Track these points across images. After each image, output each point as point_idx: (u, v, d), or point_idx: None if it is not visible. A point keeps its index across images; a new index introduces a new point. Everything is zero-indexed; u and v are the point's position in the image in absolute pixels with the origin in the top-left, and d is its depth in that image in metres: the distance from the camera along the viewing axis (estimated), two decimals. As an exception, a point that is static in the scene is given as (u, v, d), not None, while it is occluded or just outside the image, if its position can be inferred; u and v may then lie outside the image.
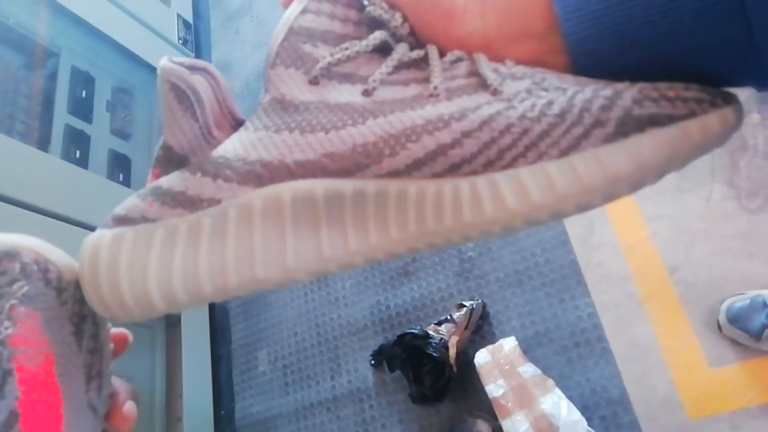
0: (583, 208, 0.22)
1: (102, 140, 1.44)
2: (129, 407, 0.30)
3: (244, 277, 0.24)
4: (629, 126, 0.21)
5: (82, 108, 1.43)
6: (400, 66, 0.26)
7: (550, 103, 0.22)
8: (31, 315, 0.25)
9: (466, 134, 0.23)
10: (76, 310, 0.27)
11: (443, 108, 0.23)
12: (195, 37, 1.94)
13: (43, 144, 1.28)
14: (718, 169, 1.17)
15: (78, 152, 1.35)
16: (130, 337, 0.31)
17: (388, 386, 1.29)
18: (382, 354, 1.27)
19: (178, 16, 1.87)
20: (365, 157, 0.23)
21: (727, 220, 1.12)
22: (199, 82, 0.26)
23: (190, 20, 1.95)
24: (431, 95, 0.24)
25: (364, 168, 0.23)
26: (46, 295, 0.26)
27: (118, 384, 0.30)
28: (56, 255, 0.27)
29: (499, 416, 1.05)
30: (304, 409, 1.37)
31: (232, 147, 0.25)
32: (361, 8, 0.27)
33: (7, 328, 0.25)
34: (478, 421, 1.11)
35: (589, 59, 0.23)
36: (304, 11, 0.26)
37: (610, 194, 0.22)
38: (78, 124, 1.39)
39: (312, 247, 0.24)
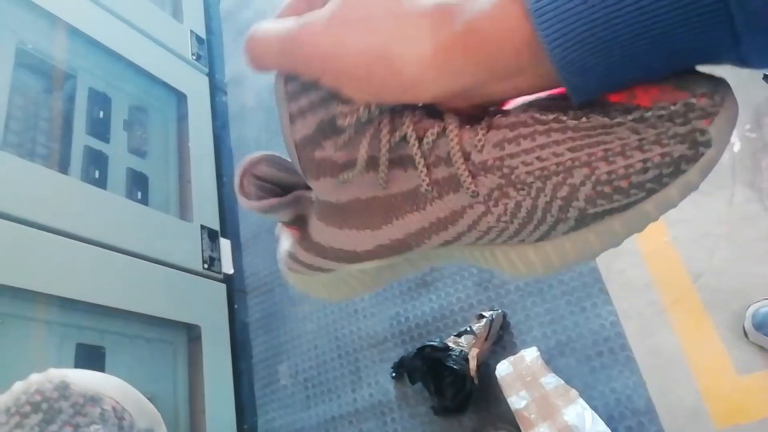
0: (561, 270, 0.29)
1: (120, 159, 1.46)
2: None
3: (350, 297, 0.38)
4: (587, 220, 0.25)
5: (100, 128, 1.45)
6: (393, 160, 0.28)
7: (518, 206, 0.26)
8: None
9: (461, 234, 0.28)
10: None
11: (438, 210, 0.28)
12: (208, 52, 1.96)
13: (63, 166, 1.30)
14: (739, 171, 1.15)
15: (97, 172, 1.37)
16: None
17: (410, 399, 1.29)
18: (403, 366, 1.27)
19: (191, 32, 1.89)
20: (403, 246, 0.31)
21: (750, 223, 1.10)
22: None
23: (203, 36, 1.96)
24: (426, 193, 0.28)
25: (406, 251, 0.31)
26: None
27: None
28: (132, 402, 0.28)
29: (522, 428, 1.04)
30: (327, 423, 1.38)
31: (321, 235, 0.33)
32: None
33: None
34: (501, 433, 1.11)
35: (580, 78, 0.23)
36: (292, 121, 0.29)
37: (582, 262, 0.29)
38: (96, 144, 1.41)
39: (380, 283, 0.37)
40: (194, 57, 1.86)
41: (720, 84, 0.24)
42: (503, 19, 0.22)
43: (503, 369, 1.11)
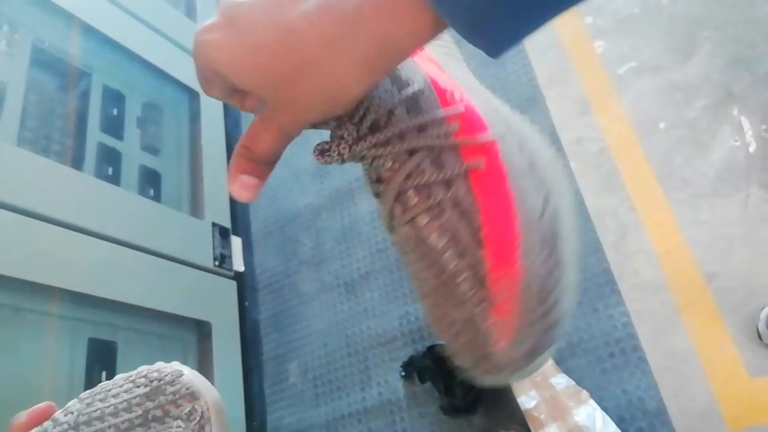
0: None
1: (133, 156, 1.48)
2: None
3: None
4: None
5: (114, 125, 1.46)
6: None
7: None
8: None
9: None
10: None
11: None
12: (221, 50, 1.96)
13: (78, 163, 1.32)
14: (755, 171, 1.14)
15: (110, 169, 1.39)
16: None
17: (419, 398, 1.28)
18: (412, 365, 1.27)
19: (205, 30, 1.90)
20: None
21: (765, 225, 1.09)
22: None
23: (216, 34, 1.97)
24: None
25: None
26: None
27: None
28: (218, 420, 0.28)
29: (532, 428, 1.04)
30: (335, 421, 1.38)
31: None
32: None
33: None
34: (511, 433, 1.10)
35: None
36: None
37: None
38: (110, 141, 1.43)
39: None
40: (207, 55, 1.87)
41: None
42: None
43: (513, 369, 1.10)
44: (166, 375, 0.28)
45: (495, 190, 0.29)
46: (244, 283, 1.60)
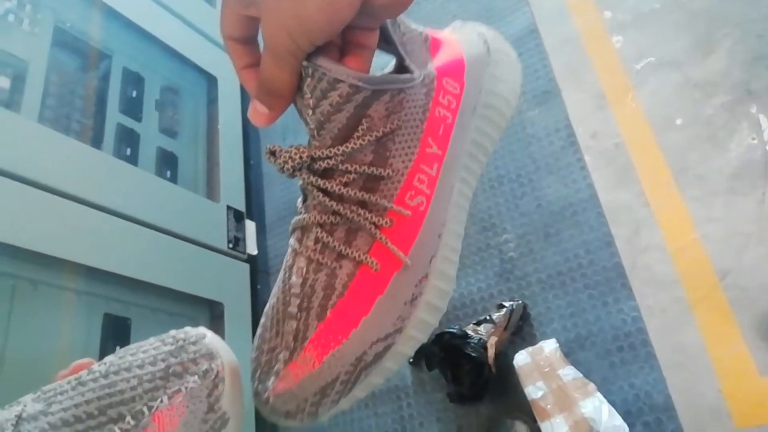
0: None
1: (151, 138, 1.49)
2: None
3: None
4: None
5: (133, 107, 1.48)
6: None
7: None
8: (182, 409, 0.28)
9: None
10: None
11: None
12: (240, 37, 1.98)
13: (97, 142, 1.33)
14: (772, 170, 1.13)
15: (129, 149, 1.41)
16: None
17: (426, 385, 1.29)
18: (421, 352, 1.27)
19: (224, 16, 1.92)
20: None
21: (781, 224, 1.08)
22: None
23: (235, 21, 1.99)
24: None
25: None
26: (201, 403, 0.28)
27: None
28: (231, 382, 0.30)
29: (538, 418, 1.04)
30: (343, 405, 1.39)
31: None
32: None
33: (161, 402, 0.28)
34: (517, 422, 1.10)
35: None
36: None
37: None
38: (129, 122, 1.44)
39: None
40: (226, 41, 1.88)
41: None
42: None
43: (521, 359, 1.11)
44: (191, 336, 0.30)
45: (364, 296, 0.32)
46: (257, 267, 1.62)
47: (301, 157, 0.32)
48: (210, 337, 0.30)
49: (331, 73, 0.30)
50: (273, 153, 0.32)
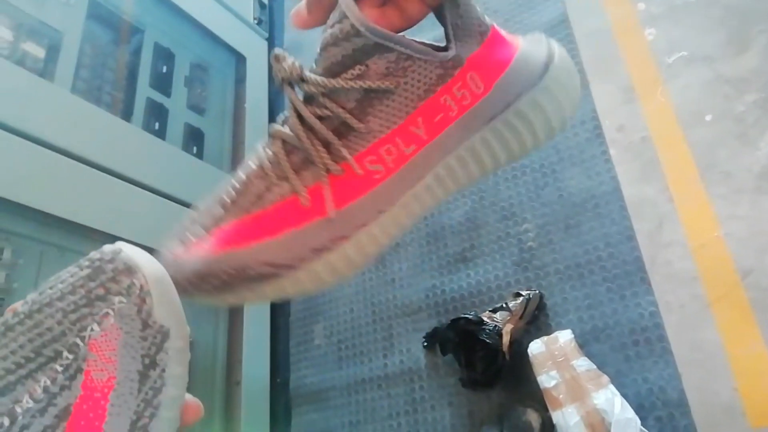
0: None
1: (179, 114, 1.52)
2: None
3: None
4: None
5: (163, 83, 1.50)
6: None
7: None
8: (115, 332, 0.27)
9: None
10: (150, 353, 0.27)
11: None
12: (269, 18, 1.99)
13: (126, 115, 1.36)
14: (802, 170, 1.11)
15: (157, 124, 1.43)
16: (201, 410, 0.31)
17: (439, 369, 1.30)
18: (436, 337, 1.29)
19: (255, -3, 1.93)
20: None
21: (808, 225, 1.07)
22: None
23: (266, 1, 2.00)
24: None
25: None
26: (134, 321, 0.27)
27: None
28: (159, 292, 0.28)
29: (549, 407, 1.05)
30: (356, 384, 1.41)
31: None
32: None
33: (93, 331, 0.26)
34: (528, 410, 1.11)
35: None
36: None
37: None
38: (158, 97, 1.47)
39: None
40: (256, 21, 1.89)
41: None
42: None
43: (536, 347, 1.11)
44: (107, 254, 0.27)
45: (282, 221, 0.33)
46: (277, 246, 1.64)
47: (292, 72, 0.32)
48: (126, 250, 0.28)
49: (342, 7, 0.30)
50: (277, 58, 0.33)
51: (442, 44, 0.34)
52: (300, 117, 0.33)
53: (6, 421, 0.25)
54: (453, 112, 0.33)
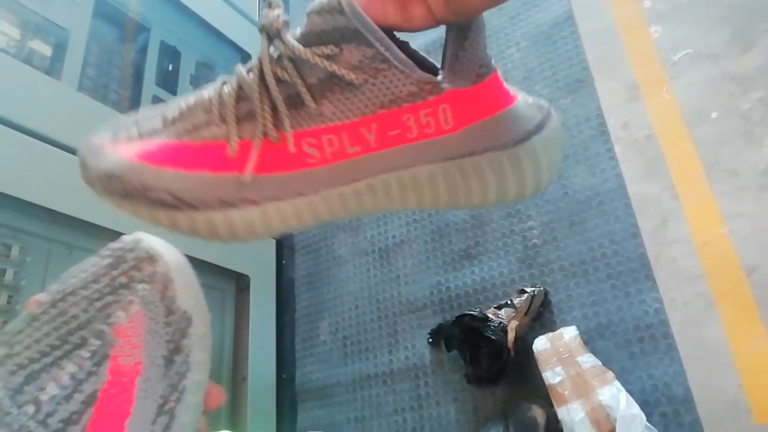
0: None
1: (185, 112, 1.52)
2: None
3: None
4: None
5: (169, 81, 1.51)
6: None
7: None
8: (141, 318, 0.27)
9: None
10: (175, 338, 0.28)
11: None
12: (274, 15, 1.99)
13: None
14: (806, 167, 1.11)
15: (163, 122, 1.43)
16: (224, 397, 0.31)
17: (444, 365, 1.31)
18: (440, 333, 1.29)
19: (260, -5, 1.93)
20: None
21: (813, 222, 1.07)
22: None
23: (271, 0, 2.00)
24: None
25: None
26: (158, 307, 0.28)
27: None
28: (181, 279, 0.29)
29: (555, 403, 1.05)
30: (362, 380, 1.42)
31: None
32: None
33: (119, 317, 0.27)
34: (533, 406, 1.12)
35: None
36: None
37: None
38: (164, 95, 1.47)
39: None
40: (261, 19, 1.89)
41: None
42: None
43: (541, 344, 1.12)
44: (127, 244, 0.28)
45: (203, 159, 0.32)
46: (283, 243, 1.65)
47: (273, 24, 0.31)
48: (147, 239, 0.29)
49: None
50: (270, 4, 0.32)
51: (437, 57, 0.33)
52: (261, 71, 0.32)
53: (31, 409, 0.25)
54: (411, 134, 0.31)
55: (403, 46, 0.32)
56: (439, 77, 0.31)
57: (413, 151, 0.32)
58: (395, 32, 0.32)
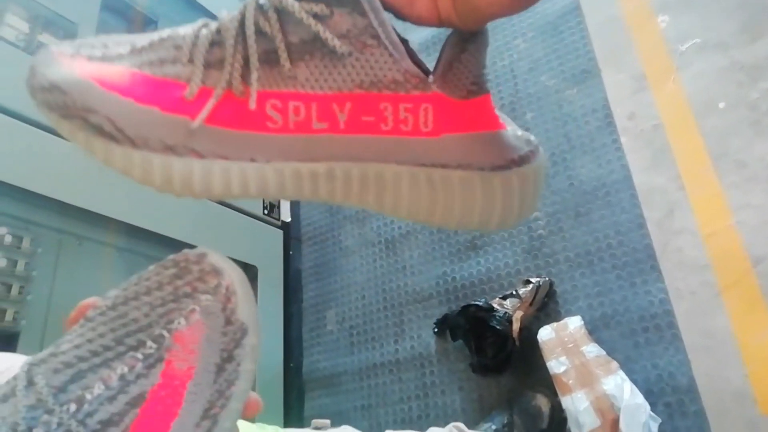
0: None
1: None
2: None
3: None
4: None
5: (176, 74, 1.51)
6: None
7: None
8: (200, 327, 0.28)
9: None
10: (230, 348, 0.29)
11: None
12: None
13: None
14: (815, 158, 1.11)
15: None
16: (261, 405, 0.31)
17: (449, 354, 1.32)
18: (446, 323, 1.30)
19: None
20: None
21: (821, 213, 1.06)
22: None
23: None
24: None
25: None
26: (218, 318, 0.29)
27: None
28: (243, 292, 0.30)
29: (559, 393, 1.06)
30: (368, 369, 1.43)
31: None
32: None
33: (180, 324, 0.28)
34: (538, 395, 1.13)
35: None
36: None
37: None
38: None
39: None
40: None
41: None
42: None
43: (545, 334, 1.12)
44: (192, 256, 0.30)
45: (163, 97, 0.30)
46: (290, 233, 1.66)
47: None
48: (211, 254, 0.30)
49: None
50: None
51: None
52: (242, 20, 0.30)
53: (72, 407, 0.26)
54: (386, 126, 0.29)
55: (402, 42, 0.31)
56: (429, 78, 0.30)
57: (384, 146, 0.30)
58: (395, 27, 0.31)
